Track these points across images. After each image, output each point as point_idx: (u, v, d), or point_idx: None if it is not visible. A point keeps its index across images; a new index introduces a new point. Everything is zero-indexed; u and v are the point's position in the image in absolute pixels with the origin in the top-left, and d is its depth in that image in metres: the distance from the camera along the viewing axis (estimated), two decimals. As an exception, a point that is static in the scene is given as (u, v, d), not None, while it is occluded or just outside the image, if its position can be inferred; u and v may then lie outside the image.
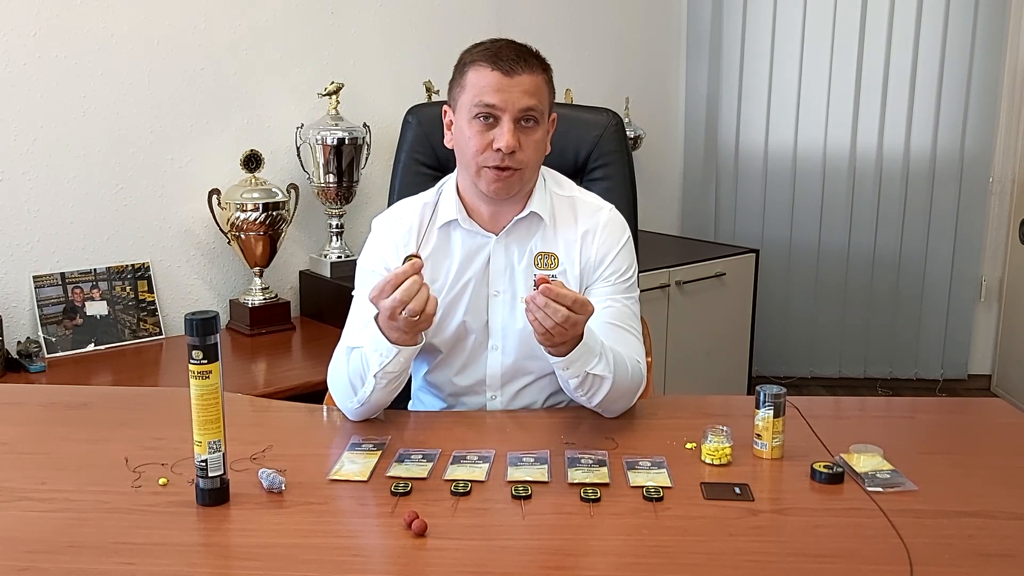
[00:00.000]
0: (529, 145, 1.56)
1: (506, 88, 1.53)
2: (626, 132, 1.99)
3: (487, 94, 1.53)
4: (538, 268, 1.65)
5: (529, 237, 1.67)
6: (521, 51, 1.57)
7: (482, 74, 1.54)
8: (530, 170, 1.60)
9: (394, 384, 1.54)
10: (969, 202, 3.90)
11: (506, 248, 1.66)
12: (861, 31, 3.82)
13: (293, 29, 2.86)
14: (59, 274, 2.52)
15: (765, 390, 1.43)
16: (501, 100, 1.53)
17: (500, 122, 1.54)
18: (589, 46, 3.68)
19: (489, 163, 1.56)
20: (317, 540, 1.21)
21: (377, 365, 1.49)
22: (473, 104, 1.55)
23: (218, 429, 1.27)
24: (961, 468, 1.41)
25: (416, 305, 1.39)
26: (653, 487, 1.31)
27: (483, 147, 1.55)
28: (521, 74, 1.54)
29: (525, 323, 1.61)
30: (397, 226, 1.69)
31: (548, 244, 1.66)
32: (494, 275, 1.67)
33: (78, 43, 2.49)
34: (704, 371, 3.41)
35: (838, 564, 1.14)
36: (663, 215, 4.10)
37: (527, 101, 1.54)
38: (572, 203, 1.70)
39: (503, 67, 1.53)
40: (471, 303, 1.67)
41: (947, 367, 4.08)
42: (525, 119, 1.55)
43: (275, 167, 2.82)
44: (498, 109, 1.53)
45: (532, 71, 1.55)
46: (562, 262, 1.66)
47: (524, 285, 1.66)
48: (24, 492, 1.32)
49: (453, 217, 1.65)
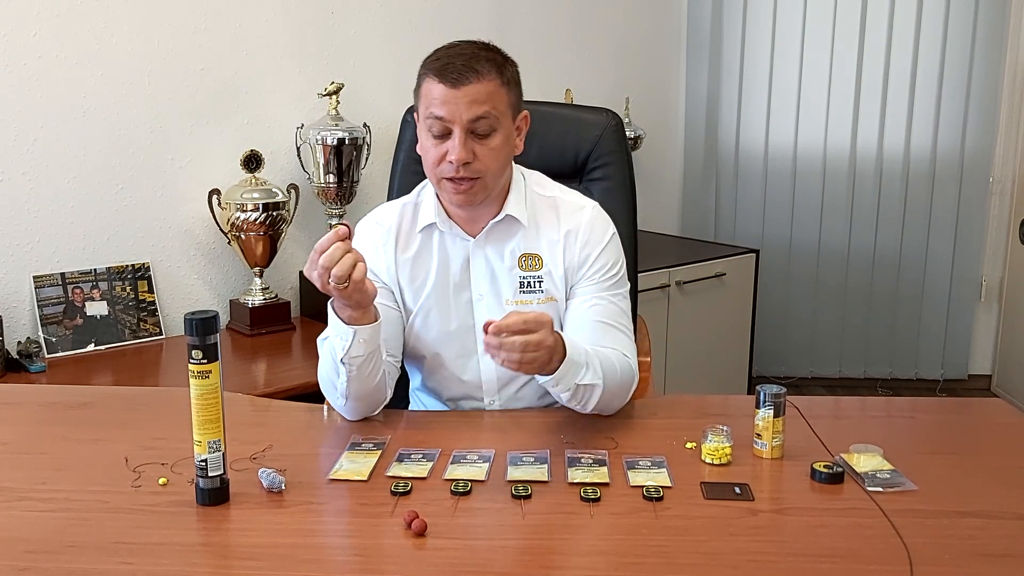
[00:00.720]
0: (485, 153, 1.53)
1: (452, 100, 1.50)
2: (626, 132, 1.98)
3: (435, 107, 1.51)
4: (522, 270, 1.64)
5: (508, 239, 1.65)
6: (472, 58, 1.52)
7: (431, 86, 1.52)
8: (491, 177, 1.57)
9: (366, 370, 1.51)
10: (969, 202, 3.90)
11: (485, 251, 1.65)
12: (861, 31, 3.82)
13: (293, 29, 2.86)
14: (59, 274, 2.52)
15: (765, 390, 1.43)
16: (448, 112, 1.50)
17: (452, 134, 1.52)
18: (589, 46, 3.68)
19: (446, 174, 1.54)
20: (317, 540, 1.21)
21: (341, 350, 1.48)
22: (425, 117, 1.54)
23: (218, 429, 1.27)
24: (961, 468, 1.41)
25: (340, 270, 1.36)
26: (653, 487, 1.31)
27: (439, 159, 1.54)
28: (468, 84, 1.49)
29: None
30: (378, 228, 1.68)
31: (530, 245, 1.65)
32: (475, 279, 1.66)
33: (78, 43, 2.49)
34: (704, 371, 3.41)
35: (838, 564, 1.14)
36: (663, 215, 4.10)
37: (476, 111, 1.50)
38: (554, 203, 1.67)
39: (449, 79, 1.50)
40: (455, 307, 1.66)
41: (947, 367, 4.08)
42: (478, 129, 1.52)
43: (275, 167, 2.82)
44: (447, 121, 1.51)
45: (481, 79, 1.50)
46: (546, 263, 1.64)
47: (509, 288, 1.65)
48: (24, 492, 1.32)
49: (432, 220, 1.64)
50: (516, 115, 1.60)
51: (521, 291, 1.64)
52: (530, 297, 1.64)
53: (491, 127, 1.53)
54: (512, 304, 1.63)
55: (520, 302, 1.63)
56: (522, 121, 1.63)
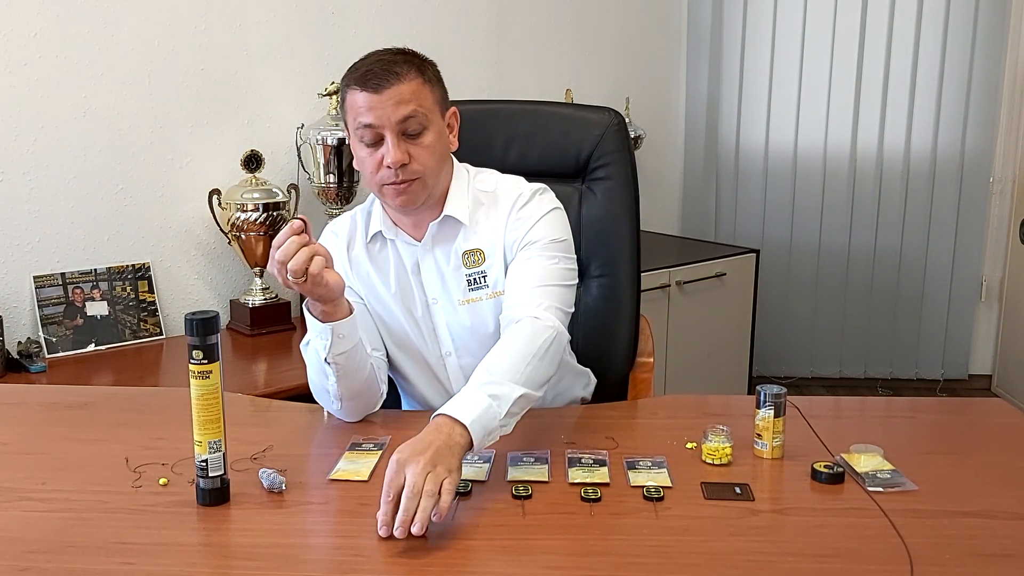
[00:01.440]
0: (420, 153, 1.53)
1: (378, 105, 1.49)
2: (628, 132, 1.98)
3: (363, 115, 1.51)
4: (467, 268, 1.62)
5: (452, 239, 1.63)
6: (389, 63, 1.51)
7: (355, 97, 1.52)
8: (431, 175, 1.55)
9: (353, 365, 1.51)
10: (969, 202, 3.90)
11: (433, 254, 1.64)
12: (861, 31, 3.82)
13: (293, 29, 2.86)
14: (59, 274, 2.51)
15: (765, 390, 1.43)
16: (376, 118, 1.50)
17: (384, 139, 1.51)
18: (589, 46, 3.68)
19: (386, 180, 1.53)
20: (317, 540, 1.21)
21: (324, 349, 1.48)
22: (355, 129, 1.53)
23: (218, 429, 1.27)
24: (961, 468, 1.41)
25: (295, 264, 1.35)
26: (653, 487, 1.31)
27: (376, 167, 1.53)
28: (390, 87, 1.49)
29: (472, 322, 1.62)
30: (334, 239, 1.68)
31: (471, 242, 1.63)
32: (428, 283, 1.65)
33: (78, 43, 2.49)
34: (704, 371, 3.41)
35: (838, 564, 1.14)
36: (663, 215, 4.10)
37: (402, 111, 1.50)
38: (494, 196, 1.65)
39: (371, 85, 1.49)
40: (412, 313, 1.66)
41: (947, 367, 4.08)
42: (408, 129, 1.52)
43: (275, 167, 2.82)
44: (377, 127, 1.51)
45: (402, 80, 1.50)
46: (488, 256, 1.63)
47: (458, 288, 1.63)
48: (24, 492, 1.32)
49: (377, 230, 1.64)
50: (444, 112, 1.60)
51: (469, 289, 1.63)
52: (478, 294, 1.63)
53: (421, 125, 1.52)
54: (464, 304, 1.63)
55: (470, 300, 1.63)
56: (452, 118, 1.62)
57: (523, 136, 1.97)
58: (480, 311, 1.63)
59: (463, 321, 1.64)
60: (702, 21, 4.00)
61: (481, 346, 1.57)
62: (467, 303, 1.63)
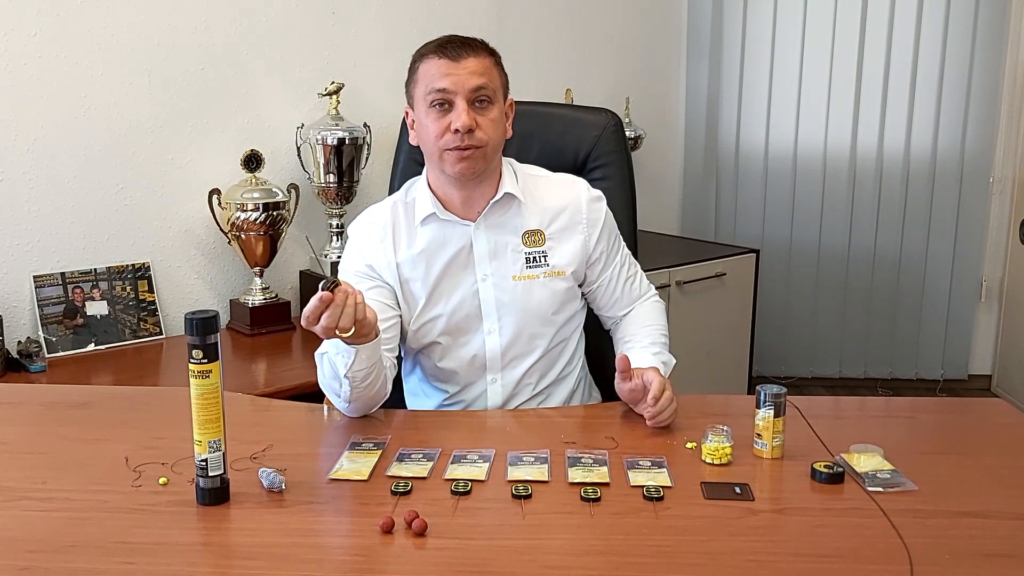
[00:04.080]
0: (486, 124, 1.61)
1: (454, 71, 1.58)
2: (625, 132, 1.99)
3: (437, 80, 1.59)
4: (527, 246, 1.70)
5: (508, 218, 1.70)
6: (467, 40, 1.62)
7: (431, 64, 1.60)
8: (492, 148, 1.63)
9: (370, 379, 1.53)
10: (969, 202, 3.90)
11: (486, 232, 1.70)
12: (861, 31, 3.82)
13: (293, 29, 2.86)
14: (59, 274, 2.51)
15: (765, 390, 1.43)
16: (451, 83, 1.58)
17: (455, 105, 1.58)
18: (589, 46, 3.68)
19: (450, 145, 1.60)
20: (317, 540, 1.21)
21: (344, 367, 1.50)
22: (427, 94, 1.60)
23: (218, 428, 1.27)
24: (961, 468, 1.41)
25: (345, 322, 1.39)
26: (653, 487, 1.31)
27: (442, 131, 1.60)
28: (467, 58, 1.59)
29: (523, 299, 1.69)
30: (373, 227, 1.72)
31: (530, 222, 1.71)
32: (479, 261, 1.70)
33: (78, 43, 2.49)
34: (704, 371, 3.41)
35: (838, 564, 1.14)
36: (663, 215, 4.10)
37: (476, 80, 1.59)
38: (548, 181, 1.77)
39: (449, 54, 1.59)
40: (459, 292, 1.70)
41: (947, 367, 4.08)
42: (479, 99, 1.60)
43: (275, 167, 2.82)
44: (450, 92, 1.58)
45: (478, 55, 1.61)
46: (548, 237, 1.71)
47: (515, 264, 1.70)
48: (24, 492, 1.32)
49: (430, 211, 1.68)
50: (505, 97, 1.68)
51: (528, 267, 1.70)
52: (536, 271, 1.71)
53: (489, 99, 1.61)
54: (518, 280, 1.70)
55: (526, 277, 1.70)
56: (509, 108, 1.70)
57: (521, 136, 1.97)
58: (533, 288, 1.70)
59: (513, 298, 1.69)
60: (702, 21, 4.00)
61: (525, 323, 1.68)
62: (522, 279, 1.70)
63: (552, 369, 1.76)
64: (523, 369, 1.73)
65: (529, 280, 1.70)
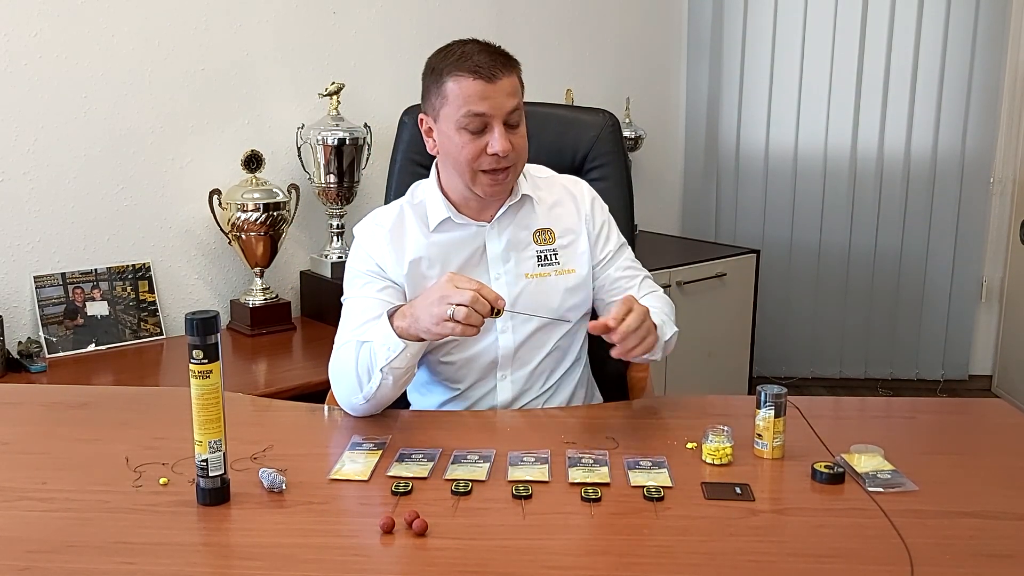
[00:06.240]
0: (519, 142, 1.61)
1: (492, 95, 1.55)
2: (623, 133, 1.99)
3: (474, 103, 1.55)
4: (538, 245, 1.71)
5: (521, 218, 1.72)
6: (493, 54, 1.58)
7: (464, 84, 1.55)
8: (521, 165, 1.67)
9: (400, 380, 1.55)
10: (970, 203, 3.90)
11: (499, 233, 1.71)
12: (862, 31, 3.82)
13: (293, 29, 2.86)
14: (60, 274, 2.52)
15: (766, 390, 1.43)
16: (489, 107, 1.56)
17: (491, 128, 1.57)
18: (589, 46, 3.68)
19: (485, 167, 1.60)
20: (317, 540, 1.21)
21: (384, 360, 1.51)
22: (461, 115, 1.56)
23: (219, 429, 1.27)
24: (962, 468, 1.41)
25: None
26: (654, 487, 1.31)
27: (477, 154, 1.58)
28: (503, 77, 1.56)
29: (534, 297, 1.70)
30: (380, 230, 1.71)
31: (540, 221, 1.73)
32: (492, 261, 1.70)
33: (78, 43, 2.49)
34: (705, 371, 3.41)
35: (838, 564, 1.14)
36: (664, 215, 4.10)
37: (512, 102, 1.58)
38: (552, 181, 1.79)
39: (484, 74, 1.55)
40: None
41: (948, 368, 4.08)
42: (511, 120, 1.59)
43: (276, 167, 2.82)
44: (488, 116, 1.56)
45: (508, 72, 1.58)
46: (558, 236, 1.73)
47: (527, 263, 1.71)
48: (24, 492, 1.32)
49: (444, 216, 1.68)
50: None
51: (540, 264, 1.72)
52: (548, 269, 1.72)
53: (520, 118, 1.62)
54: (530, 278, 1.71)
55: (538, 275, 1.71)
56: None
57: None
58: (544, 286, 1.71)
59: (526, 296, 1.70)
60: (702, 21, 4.00)
61: (538, 321, 1.69)
62: (534, 277, 1.71)
63: (560, 364, 1.76)
64: (533, 365, 1.73)
65: (542, 278, 1.71)
